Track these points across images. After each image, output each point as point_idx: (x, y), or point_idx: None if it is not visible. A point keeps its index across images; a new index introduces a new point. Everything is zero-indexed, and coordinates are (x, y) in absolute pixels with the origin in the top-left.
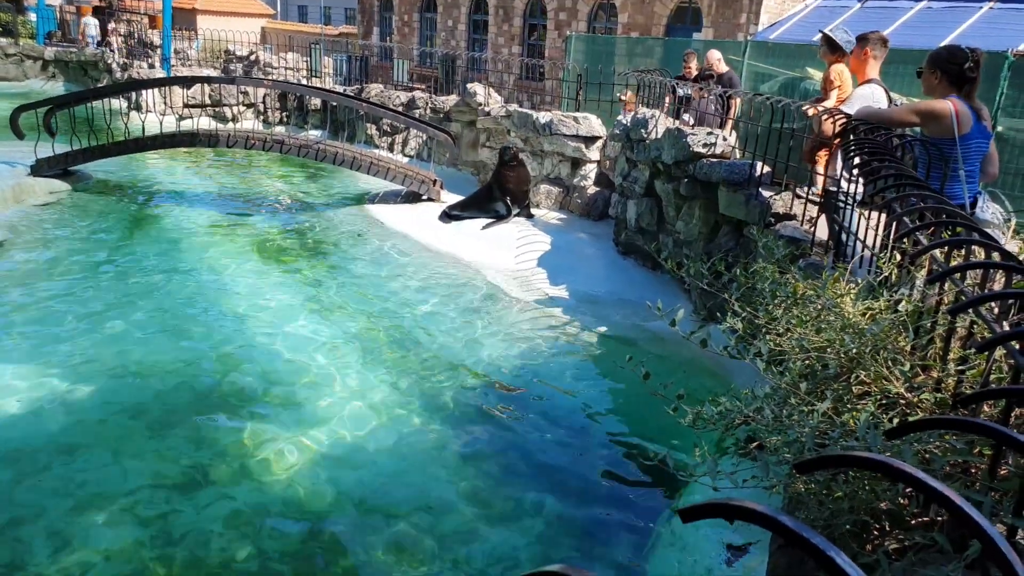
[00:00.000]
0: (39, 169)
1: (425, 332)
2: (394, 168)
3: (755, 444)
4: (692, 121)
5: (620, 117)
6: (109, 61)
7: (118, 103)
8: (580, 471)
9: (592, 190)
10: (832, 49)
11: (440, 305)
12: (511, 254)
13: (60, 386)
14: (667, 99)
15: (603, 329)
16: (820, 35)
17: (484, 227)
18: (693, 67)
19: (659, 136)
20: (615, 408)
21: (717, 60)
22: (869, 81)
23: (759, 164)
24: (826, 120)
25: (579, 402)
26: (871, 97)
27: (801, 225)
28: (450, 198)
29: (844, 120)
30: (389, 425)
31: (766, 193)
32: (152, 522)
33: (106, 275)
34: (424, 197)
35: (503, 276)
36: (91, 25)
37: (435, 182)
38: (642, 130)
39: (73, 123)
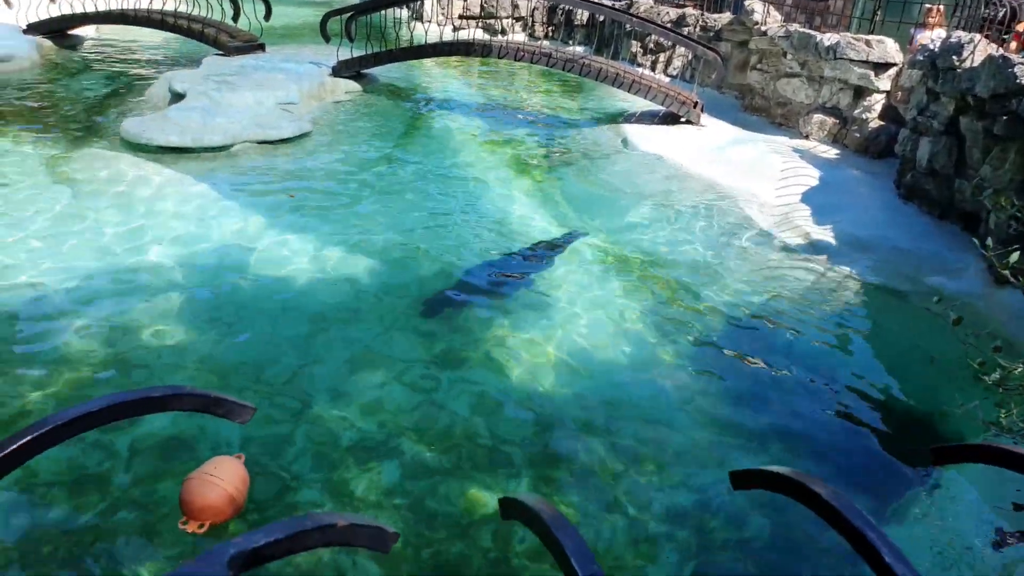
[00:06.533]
0: (338, 70)
1: (668, 255)
2: (655, 87)
3: None
4: None
5: (916, 35)
6: None
7: (404, 12)
8: (821, 418)
9: (875, 124)
10: None
11: (687, 231)
12: (772, 185)
13: (344, 262)
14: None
15: (870, 279)
16: None
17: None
18: None
19: (976, 64)
20: (872, 362)
21: None
22: None
23: None
24: None
25: (829, 348)
26: None
27: None
28: (710, 122)
29: None
30: (624, 339)
31: None
32: (411, 388)
33: (385, 168)
34: (683, 119)
35: (760, 208)
36: None
37: (696, 104)
38: (954, 57)
39: (369, 30)
